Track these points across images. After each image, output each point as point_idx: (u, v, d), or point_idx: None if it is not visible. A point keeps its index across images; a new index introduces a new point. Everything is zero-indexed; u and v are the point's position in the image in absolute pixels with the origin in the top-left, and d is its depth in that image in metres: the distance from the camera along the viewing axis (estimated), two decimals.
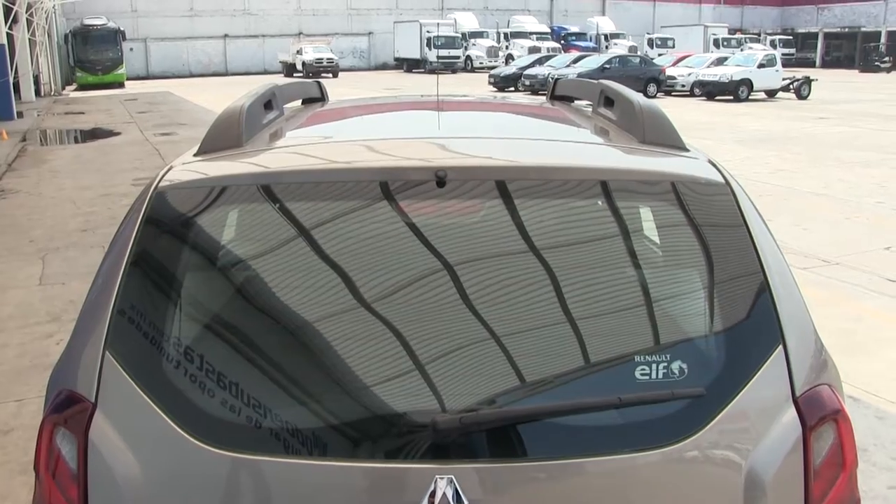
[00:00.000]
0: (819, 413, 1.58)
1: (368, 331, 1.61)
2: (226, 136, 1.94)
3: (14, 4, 23.04)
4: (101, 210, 9.78)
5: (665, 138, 1.95)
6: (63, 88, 35.62)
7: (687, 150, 1.94)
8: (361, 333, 1.61)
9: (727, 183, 1.77)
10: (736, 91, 26.73)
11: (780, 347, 1.59)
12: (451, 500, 1.45)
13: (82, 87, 36.46)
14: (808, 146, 15.34)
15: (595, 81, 2.54)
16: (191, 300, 1.68)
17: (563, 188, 1.73)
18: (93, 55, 37.33)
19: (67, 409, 1.59)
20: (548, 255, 1.69)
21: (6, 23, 21.17)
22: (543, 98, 3.10)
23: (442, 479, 1.46)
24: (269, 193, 1.72)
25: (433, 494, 1.46)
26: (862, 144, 15.44)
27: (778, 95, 28.41)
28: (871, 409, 4.35)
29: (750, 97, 27.31)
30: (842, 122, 19.67)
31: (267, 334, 1.65)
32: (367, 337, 1.61)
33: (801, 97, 27.47)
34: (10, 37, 22.16)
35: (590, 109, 2.53)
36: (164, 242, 1.70)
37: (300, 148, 2.06)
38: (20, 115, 21.01)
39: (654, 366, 1.57)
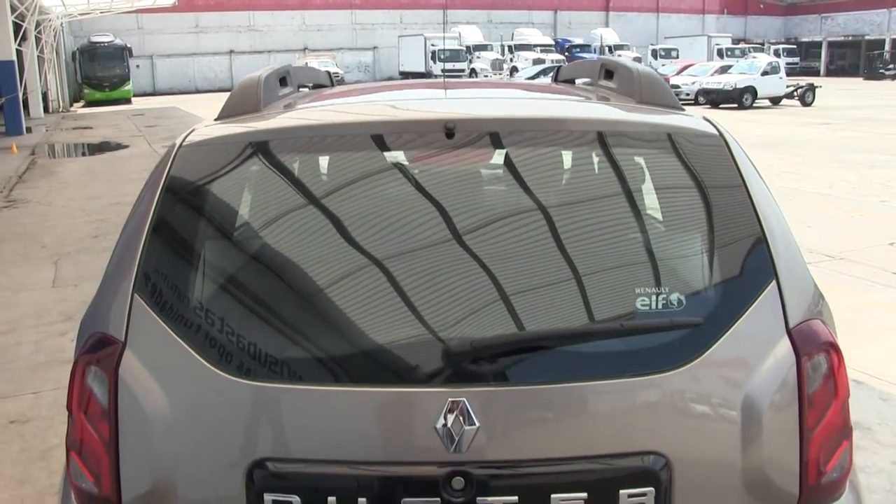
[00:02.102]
0: (812, 344, 1.65)
1: (384, 267, 1.70)
2: (245, 102, 2.05)
3: (23, 22, 23.34)
4: (112, 218, 9.89)
5: (662, 99, 2.05)
6: (71, 105, 35.98)
7: (682, 110, 2.03)
8: (377, 270, 1.70)
9: (721, 134, 1.86)
10: (740, 99, 26.84)
11: (774, 283, 1.67)
12: (463, 421, 1.53)
13: (90, 104, 36.80)
14: (812, 149, 15.41)
15: (595, 58, 2.63)
16: (214, 245, 1.77)
17: (566, 138, 1.83)
18: (100, 72, 37.69)
19: (98, 350, 1.67)
20: (552, 199, 1.79)
21: (15, 40, 21.43)
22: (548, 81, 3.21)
23: (454, 401, 1.54)
24: (287, 147, 1.83)
25: (446, 417, 1.54)
26: (866, 147, 15.50)
27: (782, 103, 28.50)
28: (876, 392, 4.43)
29: (754, 105, 27.41)
30: (846, 127, 19.74)
31: (286, 272, 1.74)
32: (384, 273, 1.70)
33: (805, 104, 27.54)
34: (19, 53, 22.43)
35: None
36: (189, 194, 1.79)
37: (315, 111, 2.16)
38: (29, 130, 21.26)
39: (653, 297, 1.65)
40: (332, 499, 1.55)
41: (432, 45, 46.39)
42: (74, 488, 1.72)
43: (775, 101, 28.41)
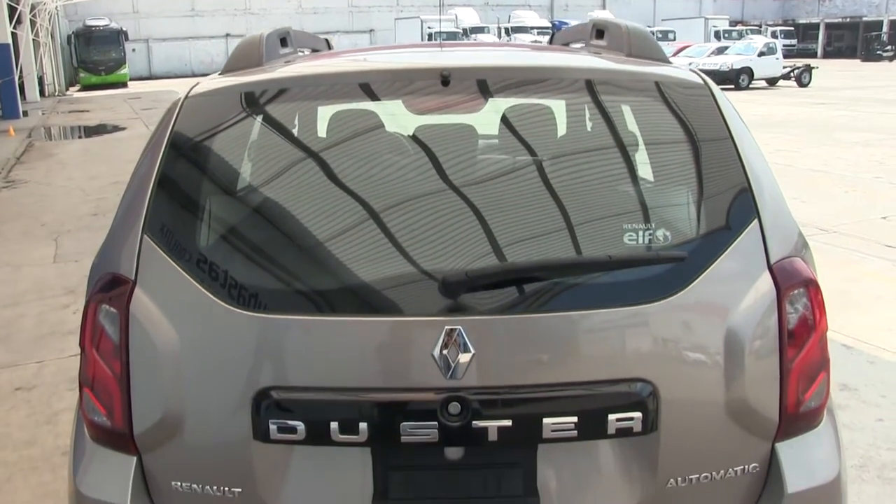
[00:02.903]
0: (792, 280, 1.73)
1: (383, 206, 1.78)
2: (247, 58, 2.13)
3: (18, 5, 23.25)
4: (111, 197, 9.94)
5: (650, 53, 2.12)
6: (67, 89, 35.88)
7: (670, 63, 2.10)
8: (377, 209, 1.78)
9: (706, 84, 1.93)
10: (737, 80, 26.85)
11: (756, 221, 1.75)
12: (458, 349, 1.61)
13: (86, 88, 36.68)
14: (808, 128, 15.47)
15: (587, 20, 2.70)
16: (219, 187, 1.85)
17: (557, 86, 1.91)
18: (96, 56, 37.55)
19: (110, 289, 1.75)
20: (544, 144, 1.87)
21: (10, 23, 21.37)
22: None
23: (450, 329, 1.62)
24: (289, 96, 1.90)
25: (443, 345, 1.62)
26: (862, 126, 15.56)
27: (779, 84, 28.52)
28: (864, 356, 4.54)
29: (751, 86, 27.42)
30: (842, 107, 19.79)
31: (288, 211, 1.82)
32: (382, 211, 1.77)
33: (801, 85, 27.58)
34: (14, 37, 22.37)
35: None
36: (195, 140, 1.87)
37: (317, 65, 2.23)
38: (25, 114, 21.23)
39: (640, 233, 1.73)
40: (334, 424, 1.63)
41: (429, 27, 46.19)
42: (87, 422, 1.80)
43: (772, 82, 28.42)
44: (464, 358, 1.61)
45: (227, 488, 1.70)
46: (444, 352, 1.61)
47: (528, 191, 1.83)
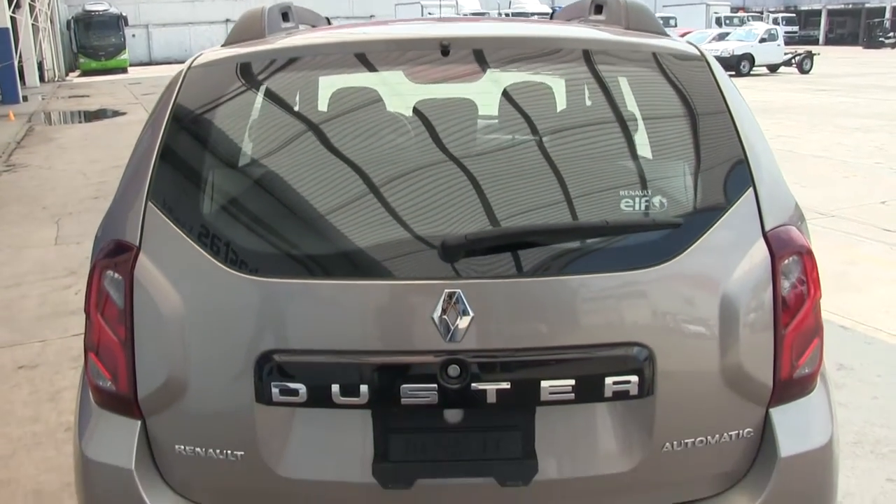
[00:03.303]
0: (786, 247, 1.76)
1: (384, 172, 1.81)
2: (250, 30, 2.15)
3: None
4: (112, 180, 9.94)
5: (648, 26, 2.15)
6: (66, 74, 35.79)
7: (668, 35, 2.13)
8: (378, 175, 1.80)
9: (703, 56, 1.95)
10: (737, 66, 26.76)
11: (751, 190, 1.77)
12: (458, 312, 1.64)
13: (85, 73, 36.62)
14: (808, 115, 15.46)
15: None
16: (222, 154, 1.88)
17: (555, 56, 1.93)
18: (95, 41, 37.46)
19: (114, 255, 1.77)
20: (543, 112, 1.89)
21: (9, 7, 21.31)
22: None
23: (450, 293, 1.65)
24: (292, 64, 1.93)
25: (443, 308, 1.64)
26: (862, 113, 15.54)
27: (780, 70, 28.44)
28: (861, 336, 4.59)
29: (752, 72, 27.35)
30: (843, 94, 19.75)
31: (290, 177, 1.84)
32: (383, 177, 1.80)
33: (803, 71, 27.49)
34: (13, 21, 22.31)
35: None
36: (199, 109, 1.89)
37: (318, 36, 2.25)
38: (25, 99, 21.22)
39: (636, 200, 1.76)
40: (335, 387, 1.66)
41: (429, 13, 46.06)
42: (92, 386, 1.83)
43: (773, 68, 28.34)
44: (463, 321, 1.64)
45: (229, 451, 1.74)
46: (444, 315, 1.64)
47: (527, 160, 1.86)
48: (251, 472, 1.74)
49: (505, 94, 1.92)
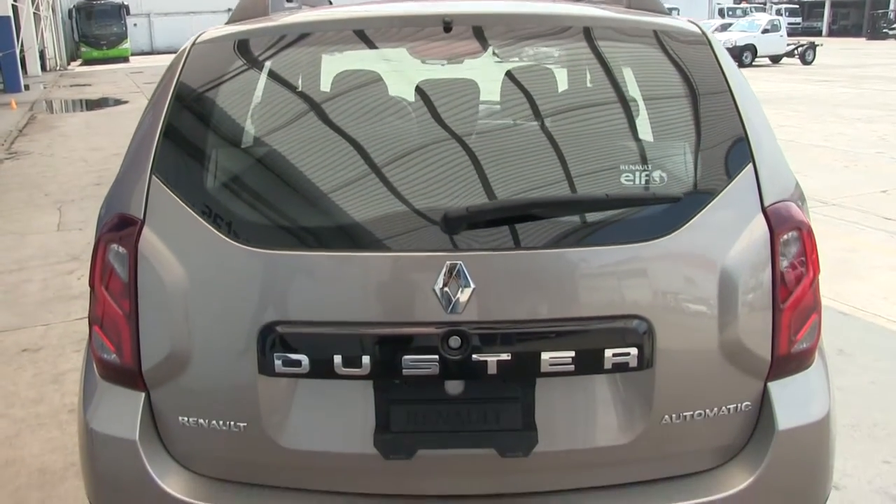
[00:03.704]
0: (785, 223, 1.77)
1: (387, 146, 1.83)
2: (253, 7, 2.18)
3: None
4: (114, 168, 9.79)
5: (649, 5, 2.16)
6: (68, 63, 35.76)
7: (669, 14, 2.14)
8: (380, 147, 1.82)
9: (704, 34, 1.96)
10: (740, 56, 26.69)
11: (751, 165, 1.79)
12: (459, 284, 1.66)
13: (87, 62, 36.59)
14: (810, 105, 15.44)
15: None
16: (226, 128, 1.89)
17: (557, 32, 1.94)
18: (97, 30, 37.44)
19: (119, 228, 1.79)
20: (545, 88, 1.91)
21: None
22: None
23: (451, 264, 1.66)
24: (295, 41, 1.95)
25: (444, 280, 1.66)
26: (865, 103, 15.52)
27: (782, 61, 28.37)
28: (860, 323, 4.60)
29: (754, 63, 27.28)
30: (846, 85, 19.72)
31: (293, 150, 1.86)
32: (385, 150, 1.82)
33: (805, 62, 27.44)
34: (14, 10, 22.27)
35: None
36: (203, 84, 1.90)
37: (321, 13, 2.27)
38: (27, 87, 21.21)
39: (636, 174, 1.78)
40: (337, 358, 1.67)
41: None
42: (97, 359, 1.85)
43: (775, 59, 28.28)
44: (464, 293, 1.66)
45: (232, 423, 1.75)
46: (445, 287, 1.66)
47: (528, 136, 1.87)
48: (254, 444, 1.77)
49: (507, 72, 1.93)
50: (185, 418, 1.79)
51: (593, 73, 1.99)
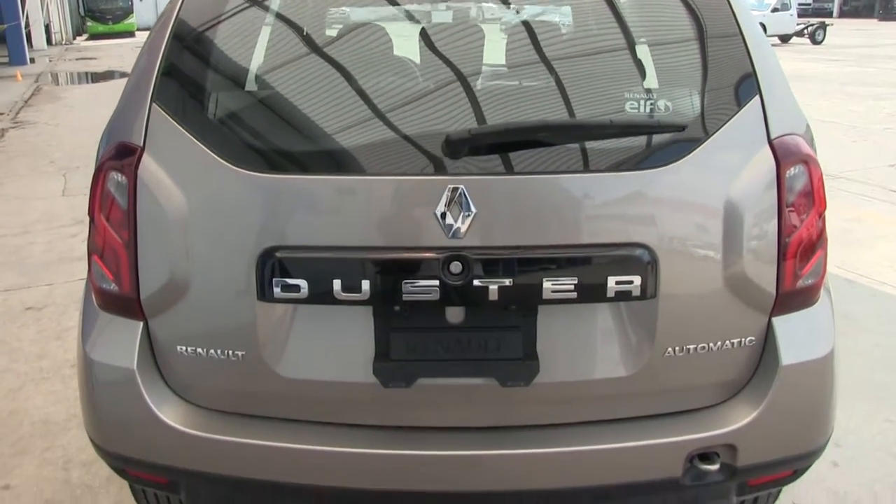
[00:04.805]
0: (791, 155, 1.75)
1: (390, 72, 1.81)
2: None
3: None
4: None
5: None
6: (74, 38, 35.63)
7: None
8: (382, 73, 1.81)
9: None
10: None
11: (757, 97, 1.76)
12: (461, 207, 1.64)
13: (93, 37, 36.43)
14: (820, 83, 15.31)
15: None
16: (225, 55, 1.87)
17: None
18: (103, 5, 37.22)
19: (119, 156, 1.77)
20: (553, 20, 1.89)
21: None
22: None
23: (453, 188, 1.64)
24: None
25: (446, 204, 1.64)
26: (874, 81, 15.39)
27: (792, 41, 28.11)
28: (866, 290, 4.60)
29: None
30: (855, 64, 19.54)
31: (293, 75, 1.85)
32: (387, 75, 1.80)
33: (815, 42, 27.17)
34: None
35: None
36: (202, 14, 1.88)
37: None
38: (32, 60, 21.14)
39: (641, 102, 1.76)
40: (336, 283, 1.66)
41: None
42: (95, 289, 1.84)
43: (785, 38, 28.00)
44: (466, 218, 1.64)
45: (230, 351, 1.75)
46: (447, 211, 1.64)
47: (535, 65, 1.86)
48: (252, 373, 1.76)
49: (513, 8, 1.92)
50: (184, 348, 1.78)
51: (599, 6, 1.96)
